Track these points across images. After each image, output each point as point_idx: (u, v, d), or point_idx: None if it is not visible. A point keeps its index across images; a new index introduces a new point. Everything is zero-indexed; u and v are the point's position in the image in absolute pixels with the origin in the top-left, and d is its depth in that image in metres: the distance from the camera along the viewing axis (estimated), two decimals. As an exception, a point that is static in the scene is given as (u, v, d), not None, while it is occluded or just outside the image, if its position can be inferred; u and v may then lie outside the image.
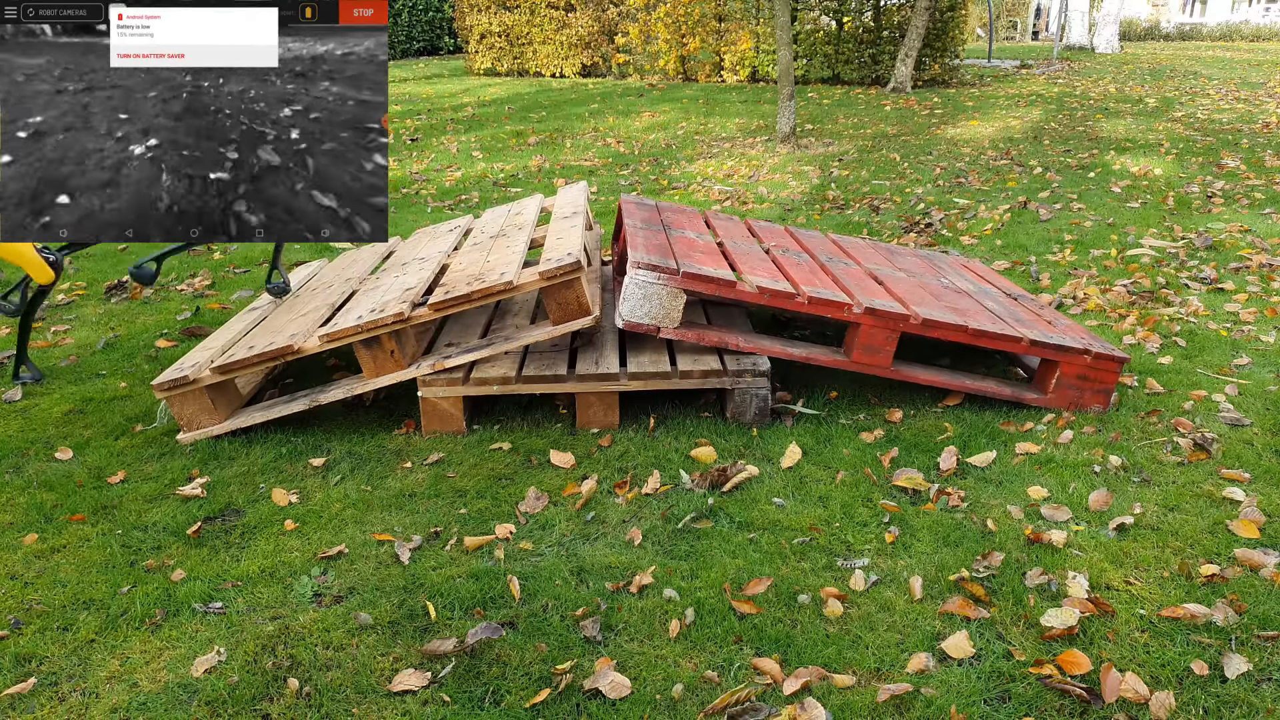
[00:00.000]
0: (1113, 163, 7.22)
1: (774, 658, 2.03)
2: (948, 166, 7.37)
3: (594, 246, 4.00)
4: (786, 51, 8.13)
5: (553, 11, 14.69)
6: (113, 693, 1.98)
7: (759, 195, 6.69)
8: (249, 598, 2.29)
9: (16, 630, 2.18)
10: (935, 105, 10.56)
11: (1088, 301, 4.24)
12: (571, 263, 2.97)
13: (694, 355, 3.17)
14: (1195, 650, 2.01)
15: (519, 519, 2.62)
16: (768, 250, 3.62)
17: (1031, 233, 5.45)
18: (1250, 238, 5.12)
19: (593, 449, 3.00)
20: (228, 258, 5.48)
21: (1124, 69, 14.64)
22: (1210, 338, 3.79)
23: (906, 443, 2.98)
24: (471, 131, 9.77)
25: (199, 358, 3.16)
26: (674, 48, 13.76)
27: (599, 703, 1.92)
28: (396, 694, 1.96)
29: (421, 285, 3.20)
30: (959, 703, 1.88)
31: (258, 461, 2.98)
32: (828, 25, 12.91)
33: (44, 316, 4.46)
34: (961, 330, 3.10)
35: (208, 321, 4.33)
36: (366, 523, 2.62)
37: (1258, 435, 2.97)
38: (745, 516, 2.59)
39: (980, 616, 2.14)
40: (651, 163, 7.99)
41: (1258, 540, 2.40)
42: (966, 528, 2.51)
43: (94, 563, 2.45)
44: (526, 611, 2.20)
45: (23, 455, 3.08)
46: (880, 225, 5.78)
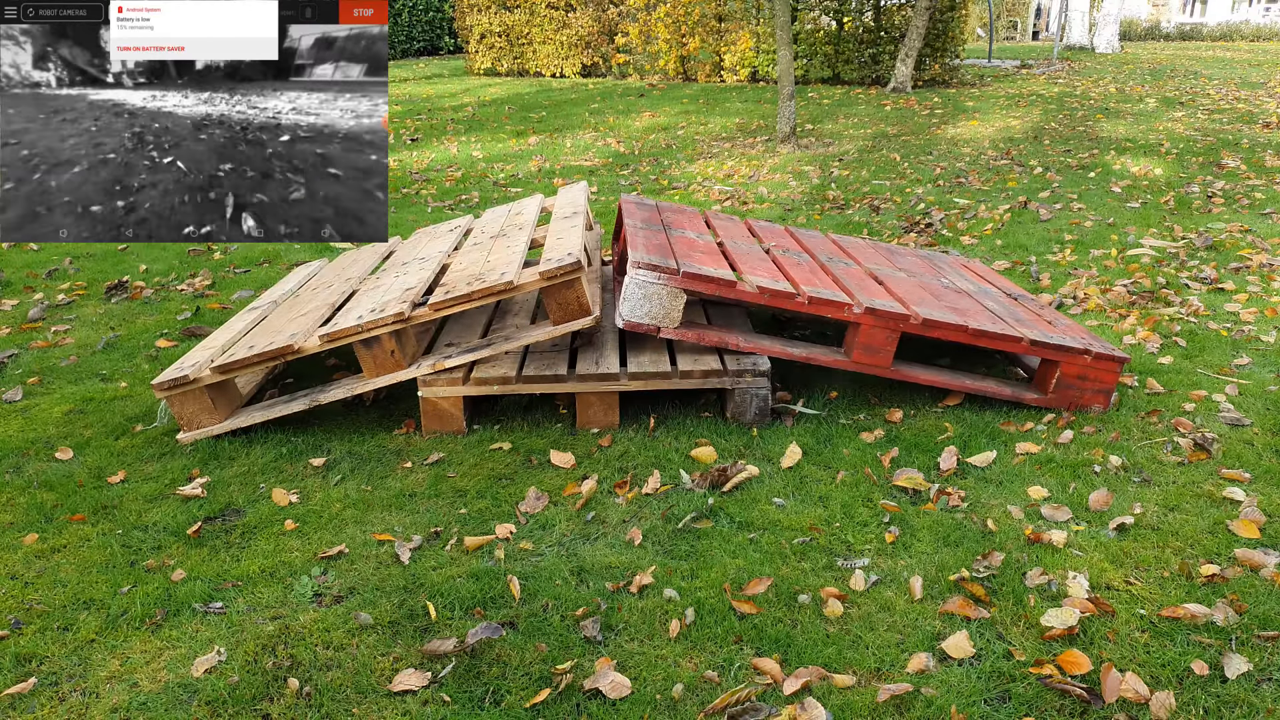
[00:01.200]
0: (1113, 163, 7.22)
1: (774, 658, 2.03)
2: (948, 166, 7.37)
3: (594, 246, 4.00)
4: (786, 51, 8.13)
5: (553, 11, 14.69)
6: (113, 692, 1.98)
7: (759, 195, 6.69)
8: (249, 598, 2.29)
9: (16, 630, 2.18)
10: (935, 105, 10.55)
11: (1088, 301, 4.24)
12: (572, 263, 2.97)
13: (694, 355, 3.17)
14: (1195, 650, 2.01)
15: (519, 519, 2.62)
16: (768, 250, 3.62)
17: (1032, 233, 5.45)
18: (1250, 238, 5.12)
19: (593, 449, 3.00)
20: (228, 258, 5.48)
21: (1124, 69, 14.64)
22: (1210, 338, 3.79)
23: (907, 443, 2.98)
24: (471, 131, 9.77)
25: (199, 357, 3.16)
26: (674, 48, 13.76)
27: (599, 703, 1.92)
28: (396, 694, 1.96)
29: (422, 285, 3.20)
30: (959, 703, 1.88)
31: (258, 461, 2.98)
32: (828, 25, 12.91)
33: (44, 316, 4.46)
34: (962, 330, 3.10)
35: (208, 321, 4.33)
36: (367, 523, 2.62)
37: (1258, 435, 2.97)
38: (745, 516, 2.59)
39: (980, 616, 2.14)
40: (651, 163, 7.99)
41: (1258, 540, 2.40)
42: (967, 528, 2.51)
43: (94, 563, 2.45)
44: (526, 611, 2.20)
45: (23, 455, 3.07)
46: (880, 225, 5.78)
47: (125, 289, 4.84)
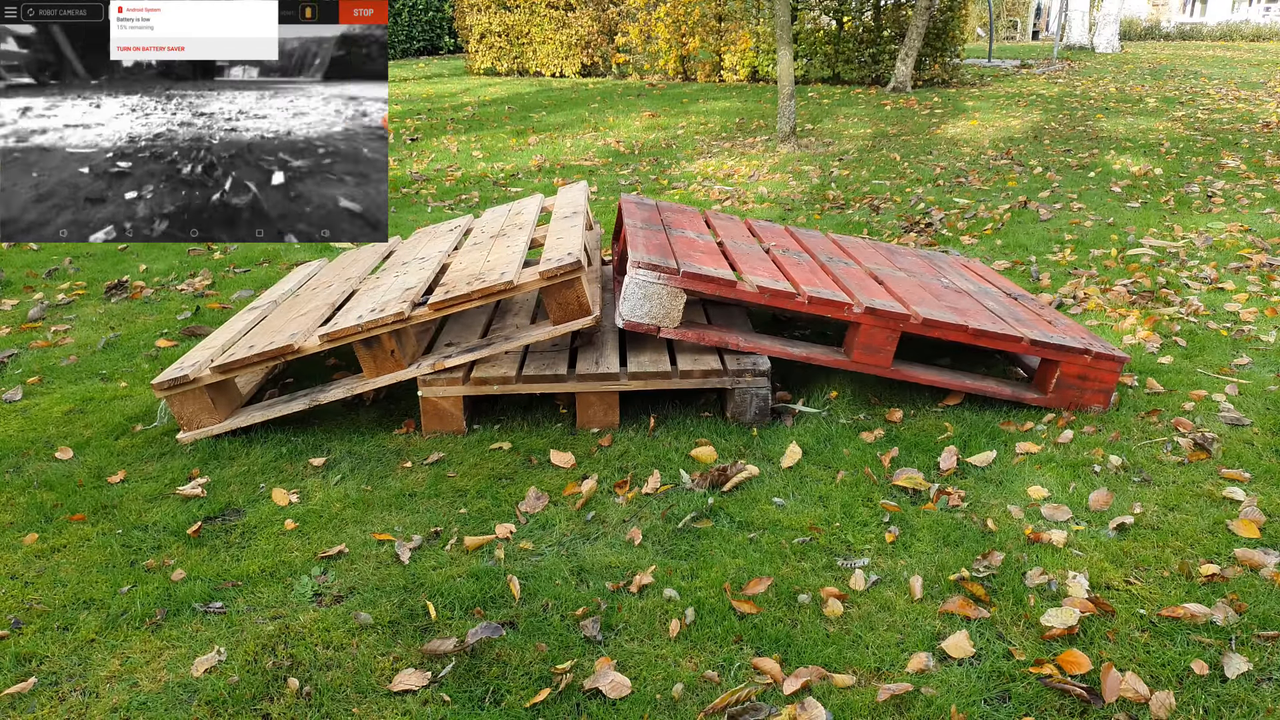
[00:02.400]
0: (1113, 162, 7.22)
1: (774, 657, 2.03)
2: (948, 166, 7.37)
3: (594, 246, 4.00)
4: (786, 51, 8.13)
5: (553, 11, 14.69)
6: (113, 692, 1.98)
7: (759, 195, 6.69)
8: (249, 597, 2.29)
9: (16, 630, 2.18)
10: (935, 105, 10.55)
11: (1088, 301, 4.24)
12: (572, 263, 2.97)
13: (694, 355, 3.17)
14: (1195, 650, 2.01)
15: (519, 519, 2.62)
16: (768, 250, 3.62)
17: (1031, 232, 5.45)
18: (1250, 238, 5.12)
19: (593, 449, 3.00)
20: (228, 258, 5.48)
21: (1124, 69, 14.64)
22: (1210, 337, 3.79)
23: (906, 442, 2.98)
24: (471, 131, 9.77)
25: (199, 357, 3.16)
26: (674, 47, 13.76)
27: (599, 702, 1.92)
28: (396, 694, 1.96)
29: (421, 285, 3.20)
30: (959, 702, 1.88)
31: (258, 461, 2.98)
32: (828, 25, 12.91)
33: (44, 316, 4.46)
34: (962, 330, 3.10)
35: (208, 321, 4.33)
36: (367, 522, 2.62)
37: (1258, 435, 2.97)
38: (745, 516, 2.59)
39: (980, 616, 2.14)
40: (651, 162, 7.99)
41: (1258, 540, 2.40)
42: (966, 527, 2.51)
43: (94, 562, 2.45)
44: (526, 611, 2.20)
45: (23, 455, 3.07)
46: (880, 225, 5.78)
47: (125, 289, 4.84)
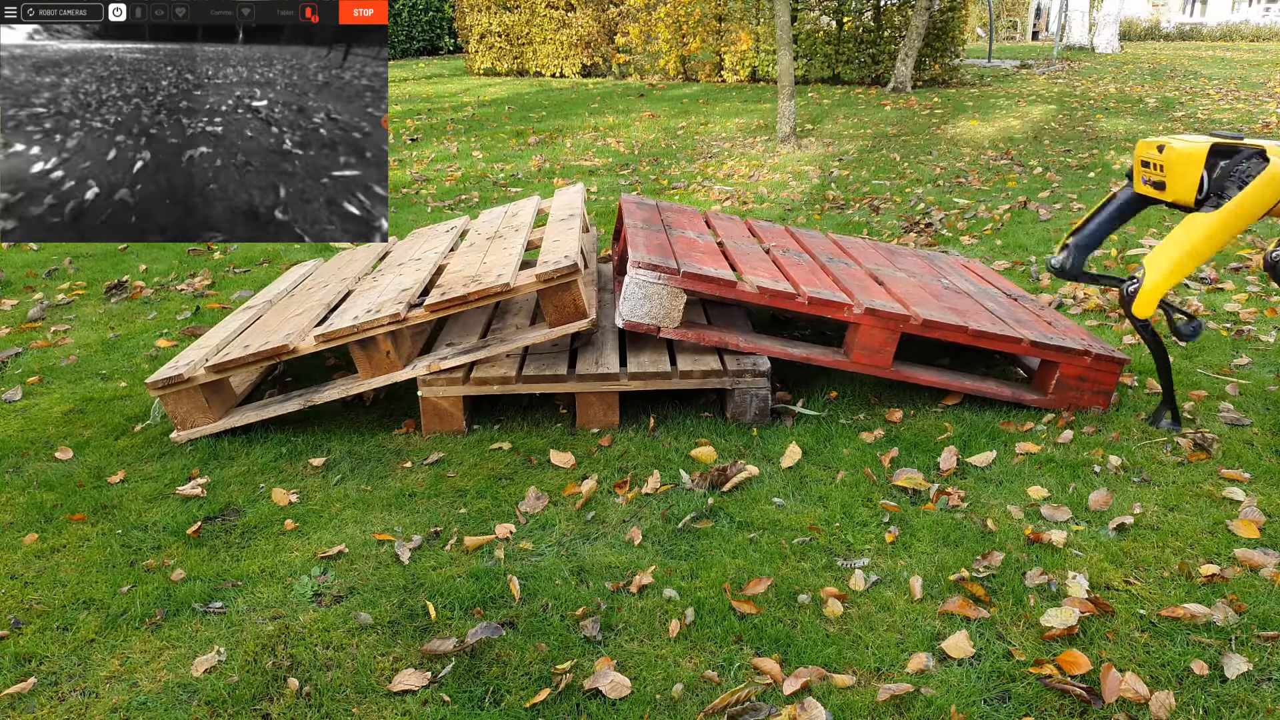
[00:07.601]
0: (1113, 163, 7.22)
1: (774, 657, 2.03)
2: (948, 166, 7.37)
3: (590, 249, 4.00)
4: (786, 51, 8.14)
5: (553, 11, 14.69)
6: (113, 692, 1.98)
7: (759, 195, 6.69)
8: (249, 597, 2.29)
9: (16, 630, 2.18)
10: (935, 105, 10.56)
11: (1088, 301, 4.24)
12: (568, 266, 2.97)
13: (694, 355, 3.17)
14: (1195, 650, 2.01)
15: (519, 519, 2.62)
16: (768, 250, 3.62)
17: (1031, 233, 5.45)
18: (1250, 237, 5.12)
19: (593, 449, 3.00)
20: (228, 258, 5.48)
21: (1124, 69, 14.65)
22: (1210, 338, 3.79)
23: (906, 443, 2.98)
24: (471, 131, 9.77)
25: (193, 356, 3.16)
26: (674, 48, 13.77)
27: (599, 702, 1.91)
28: (396, 694, 1.96)
29: (417, 286, 3.20)
30: (959, 703, 1.88)
31: (258, 461, 2.98)
32: (828, 25, 12.92)
33: (44, 316, 4.46)
34: (961, 331, 3.10)
35: (208, 321, 4.33)
36: (366, 522, 2.62)
37: (1258, 435, 2.97)
38: (745, 516, 2.59)
39: (980, 616, 2.14)
40: (651, 163, 7.99)
41: (1258, 540, 2.40)
42: (966, 528, 2.51)
43: (94, 562, 2.45)
44: (526, 611, 2.20)
45: (23, 455, 3.07)
46: (880, 225, 5.78)
47: (125, 289, 4.84)
